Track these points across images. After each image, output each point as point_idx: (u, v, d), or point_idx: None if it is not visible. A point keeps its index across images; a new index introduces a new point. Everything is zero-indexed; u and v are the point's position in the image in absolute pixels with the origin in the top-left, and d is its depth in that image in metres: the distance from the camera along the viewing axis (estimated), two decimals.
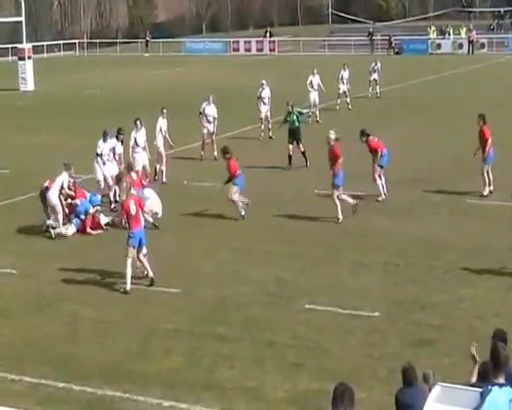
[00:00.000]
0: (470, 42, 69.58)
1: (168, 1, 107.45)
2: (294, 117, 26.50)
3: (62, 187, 19.52)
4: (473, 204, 21.27)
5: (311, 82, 35.78)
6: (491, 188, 21.84)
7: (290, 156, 25.94)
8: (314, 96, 35.51)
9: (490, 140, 21.73)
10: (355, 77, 43.22)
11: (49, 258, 17.89)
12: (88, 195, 20.45)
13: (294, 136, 26.26)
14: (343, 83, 38.95)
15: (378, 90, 42.47)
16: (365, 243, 18.37)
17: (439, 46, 71.64)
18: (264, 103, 31.73)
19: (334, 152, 20.02)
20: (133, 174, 19.04)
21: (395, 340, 13.33)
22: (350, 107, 38.69)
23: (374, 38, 74.24)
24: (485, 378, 8.20)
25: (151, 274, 15.80)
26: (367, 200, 21.72)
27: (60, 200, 19.48)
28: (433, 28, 74.90)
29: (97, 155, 21.86)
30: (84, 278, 16.56)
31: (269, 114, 31.61)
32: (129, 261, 15.43)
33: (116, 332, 13.93)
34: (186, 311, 14.75)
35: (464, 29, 72.62)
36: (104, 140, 21.88)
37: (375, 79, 42.66)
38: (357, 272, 16.53)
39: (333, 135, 20.34)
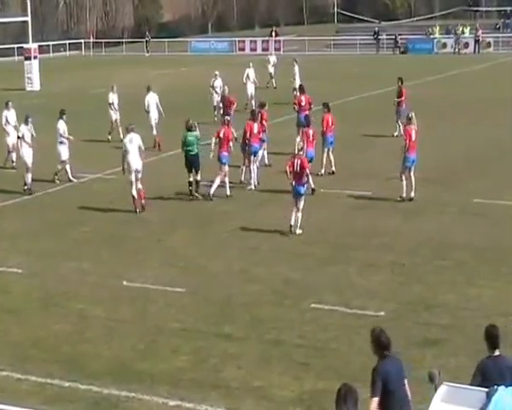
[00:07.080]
0: (476, 41, 69.46)
1: (174, 1, 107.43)
2: (192, 139, 21.42)
3: None
4: (480, 204, 21.22)
5: (247, 75, 36.38)
6: None
7: (190, 183, 21.62)
8: (251, 89, 36.47)
9: None
10: (361, 76, 43.11)
11: (56, 256, 17.91)
12: None
13: (192, 163, 21.38)
14: (294, 78, 38.73)
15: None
16: (374, 242, 18.35)
17: (444, 45, 71.49)
18: (217, 93, 33.87)
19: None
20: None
21: (401, 340, 13.24)
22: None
23: (379, 37, 74.08)
24: None
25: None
26: (376, 200, 21.70)
27: None
28: (437, 28, 74.69)
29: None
30: (92, 277, 16.58)
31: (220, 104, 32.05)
32: None
33: (123, 332, 13.94)
34: (193, 310, 14.76)
35: (468, 28, 72.40)
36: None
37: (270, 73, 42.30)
38: (364, 271, 16.51)
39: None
